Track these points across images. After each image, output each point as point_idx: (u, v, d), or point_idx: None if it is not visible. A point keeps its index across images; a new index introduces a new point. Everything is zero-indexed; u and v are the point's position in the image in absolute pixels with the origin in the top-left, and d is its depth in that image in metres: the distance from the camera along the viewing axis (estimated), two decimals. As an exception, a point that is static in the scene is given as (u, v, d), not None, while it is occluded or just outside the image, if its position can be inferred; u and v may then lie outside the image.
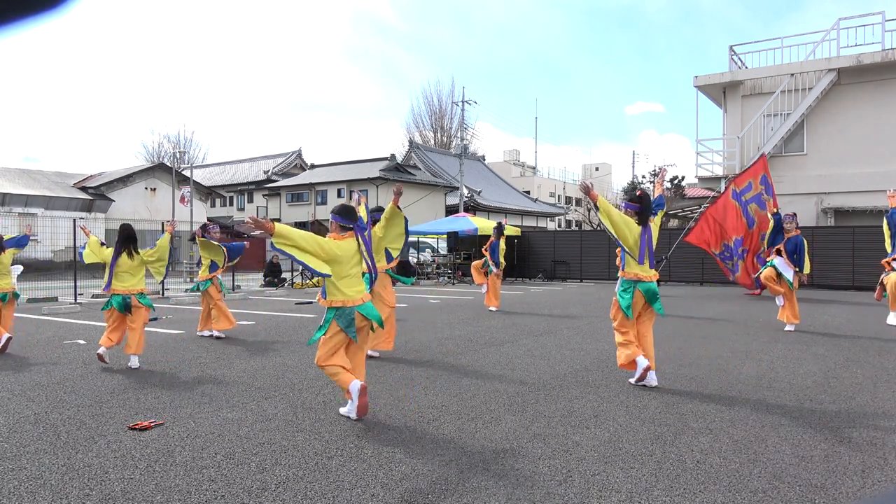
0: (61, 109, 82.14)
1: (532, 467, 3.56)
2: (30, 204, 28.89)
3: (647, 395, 5.33)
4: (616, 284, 5.89)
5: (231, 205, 45.79)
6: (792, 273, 9.36)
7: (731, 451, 3.86)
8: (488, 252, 12.97)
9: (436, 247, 26.57)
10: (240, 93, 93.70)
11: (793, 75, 22.51)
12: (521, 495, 3.16)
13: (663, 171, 6.82)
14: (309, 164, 45.28)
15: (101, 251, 7.06)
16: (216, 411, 4.79)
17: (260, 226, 4.21)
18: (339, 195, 36.00)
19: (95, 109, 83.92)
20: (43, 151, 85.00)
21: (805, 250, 9.48)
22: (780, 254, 9.47)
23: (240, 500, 3.12)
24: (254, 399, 5.17)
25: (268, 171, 45.09)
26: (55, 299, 14.33)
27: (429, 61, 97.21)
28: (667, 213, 32.92)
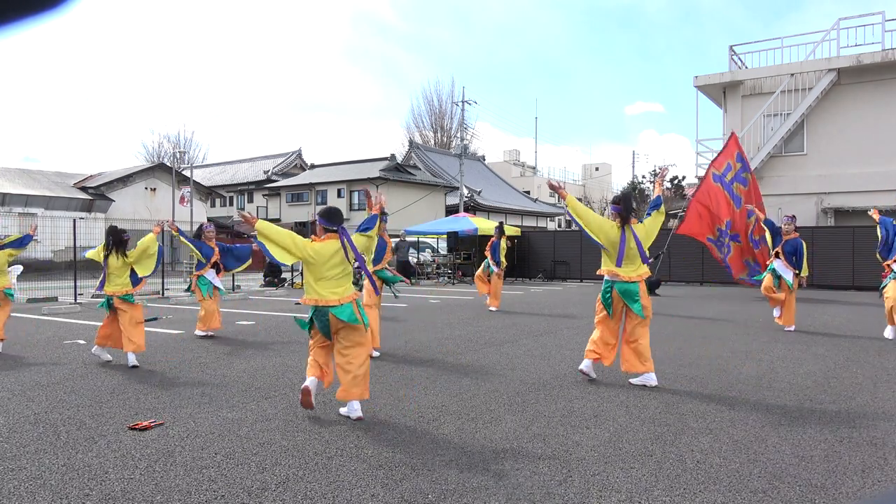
0: (61, 109, 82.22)
1: (532, 467, 3.56)
2: (30, 204, 28.89)
3: (647, 395, 5.34)
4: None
5: (231, 205, 45.77)
6: (791, 275, 9.39)
7: (731, 451, 3.86)
8: (489, 252, 12.95)
9: (436, 247, 26.56)
10: (240, 93, 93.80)
11: (793, 75, 22.51)
12: (521, 495, 3.16)
13: (664, 170, 6.77)
14: (309, 164, 45.27)
15: (99, 253, 7.18)
16: (216, 411, 4.79)
17: (245, 220, 4.69)
18: (339, 195, 36.00)
19: (95, 109, 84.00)
20: (43, 151, 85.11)
21: (804, 253, 9.49)
22: (779, 256, 9.50)
23: (240, 500, 3.12)
24: (254, 399, 5.18)
25: (268, 171, 45.07)
26: (55, 299, 14.33)
27: (429, 61, 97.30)
28: (667, 213, 32.93)
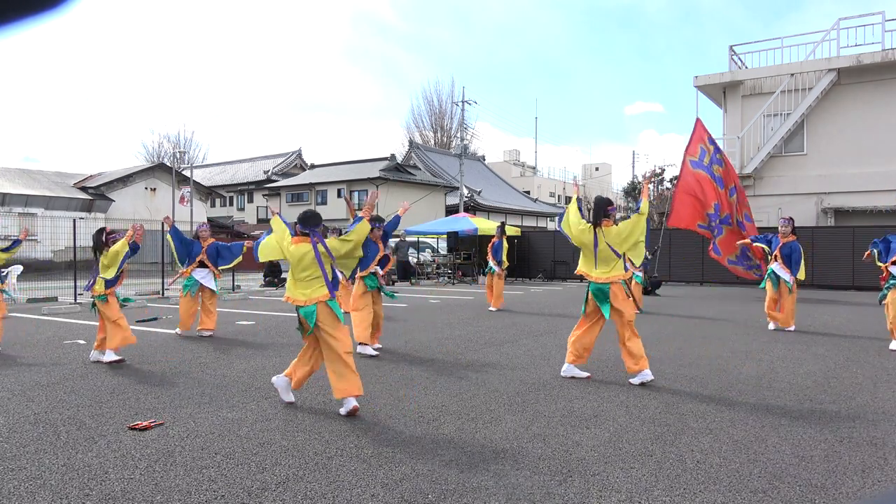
0: (61, 109, 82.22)
1: (532, 467, 3.56)
2: (30, 204, 28.89)
3: (647, 395, 5.34)
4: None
5: (231, 205, 45.80)
6: (790, 276, 9.42)
7: (731, 451, 3.86)
8: (491, 252, 12.99)
9: (436, 247, 26.56)
10: (240, 93, 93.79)
11: (793, 75, 22.51)
12: (521, 495, 3.16)
13: (648, 176, 6.72)
14: (309, 164, 45.26)
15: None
16: (216, 411, 4.79)
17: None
18: (338, 195, 35.98)
19: (95, 109, 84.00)
20: (43, 151, 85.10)
21: (801, 258, 9.52)
22: (777, 259, 9.55)
23: (240, 500, 3.12)
24: (254, 399, 5.17)
25: (268, 171, 45.08)
26: (55, 299, 14.32)
27: (429, 61, 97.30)
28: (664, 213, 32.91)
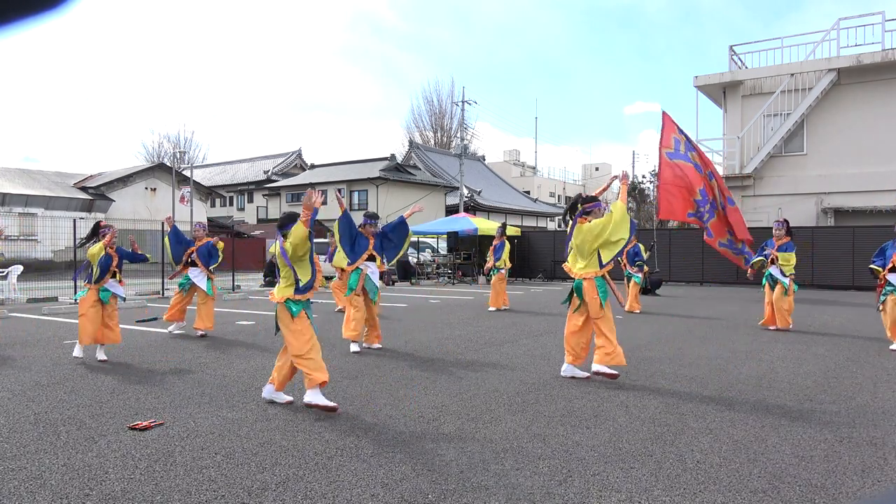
0: (61, 109, 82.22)
1: (532, 467, 3.56)
2: (30, 204, 28.88)
3: (647, 395, 5.34)
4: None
5: (231, 205, 45.80)
6: (788, 279, 9.48)
7: (731, 451, 3.86)
8: (492, 254, 13.03)
9: (436, 247, 26.56)
10: (240, 93, 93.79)
11: (793, 75, 22.51)
12: (521, 495, 3.16)
13: (622, 178, 6.36)
14: (309, 164, 45.26)
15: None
16: (216, 411, 4.79)
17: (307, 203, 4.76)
18: (339, 195, 35.99)
19: (95, 109, 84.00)
20: (43, 151, 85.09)
21: (793, 247, 9.67)
22: (774, 262, 9.59)
23: (240, 500, 3.12)
24: (254, 399, 5.17)
25: (268, 171, 45.08)
26: (55, 299, 14.32)
27: (429, 61, 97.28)
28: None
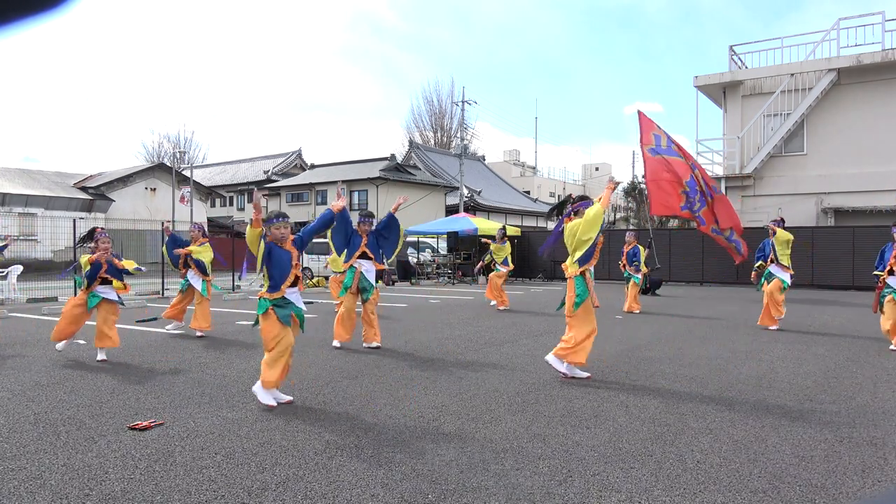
0: (61, 109, 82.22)
1: (532, 467, 3.56)
2: (30, 204, 28.89)
3: (647, 394, 5.34)
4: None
5: (231, 205, 45.78)
6: (788, 276, 9.52)
7: (731, 451, 3.86)
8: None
9: (436, 247, 26.56)
10: (240, 93, 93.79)
11: (793, 75, 22.51)
12: (521, 495, 3.16)
13: (610, 183, 6.46)
14: (309, 164, 45.24)
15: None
16: (216, 411, 4.79)
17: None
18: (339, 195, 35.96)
19: (95, 109, 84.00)
20: (43, 151, 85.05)
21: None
22: (774, 261, 9.63)
23: (240, 500, 3.12)
24: (254, 399, 5.17)
25: (268, 171, 45.06)
26: (55, 299, 14.32)
27: (429, 61, 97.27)
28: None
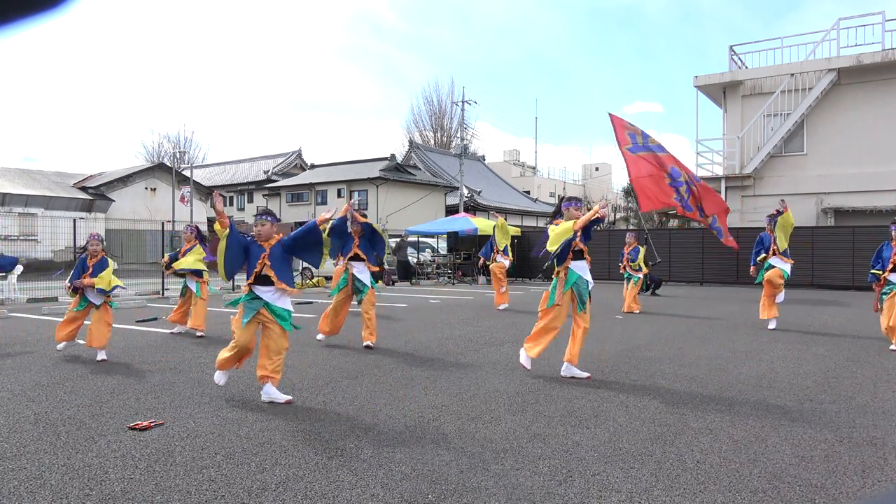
0: (61, 109, 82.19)
1: (532, 467, 3.56)
2: (30, 204, 28.89)
3: (647, 394, 5.34)
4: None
5: (231, 205, 45.73)
6: (789, 266, 9.60)
7: (731, 451, 3.86)
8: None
9: (436, 247, 26.55)
10: (240, 93, 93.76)
11: (793, 75, 22.51)
12: (521, 495, 3.16)
13: (599, 209, 6.06)
14: (309, 164, 45.23)
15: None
16: (216, 411, 4.79)
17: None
18: (339, 195, 35.96)
19: (95, 109, 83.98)
20: (43, 151, 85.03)
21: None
22: (776, 253, 9.67)
23: (240, 500, 3.12)
24: (254, 399, 5.17)
25: (268, 171, 45.05)
26: (55, 299, 14.32)
27: (429, 61, 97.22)
28: (666, 214, 32.96)
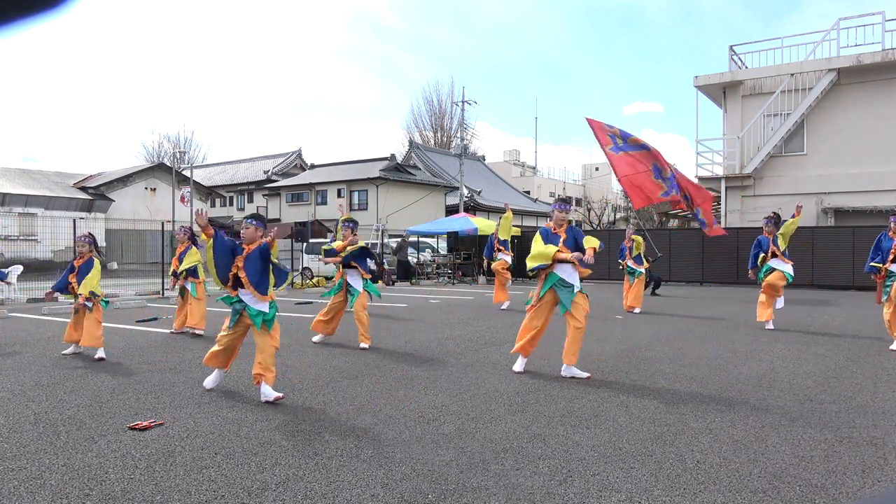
0: (61, 109, 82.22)
1: (532, 467, 3.56)
2: (30, 204, 28.89)
3: (647, 394, 5.34)
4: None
5: (231, 205, 45.76)
6: (790, 267, 9.59)
7: (731, 451, 3.86)
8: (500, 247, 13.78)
9: (436, 247, 26.54)
10: (240, 93, 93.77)
11: (793, 75, 22.50)
12: (521, 495, 3.16)
13: (587, 257, 6.28)
14: (309, 164, 45.23)
15: None
16: (216, 411, 4.79)
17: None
18: (339, 195, 35.97)
19: (95, 109, 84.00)
20: (43, 151, 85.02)
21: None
22: (776, 255, 9.67)
23: (240, 500, 3.12)
24: (254, 399, 5.17)
25: (268, 171, 45.04)
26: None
27: (429, 61, 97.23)
28: (666, 214, 32.99)
